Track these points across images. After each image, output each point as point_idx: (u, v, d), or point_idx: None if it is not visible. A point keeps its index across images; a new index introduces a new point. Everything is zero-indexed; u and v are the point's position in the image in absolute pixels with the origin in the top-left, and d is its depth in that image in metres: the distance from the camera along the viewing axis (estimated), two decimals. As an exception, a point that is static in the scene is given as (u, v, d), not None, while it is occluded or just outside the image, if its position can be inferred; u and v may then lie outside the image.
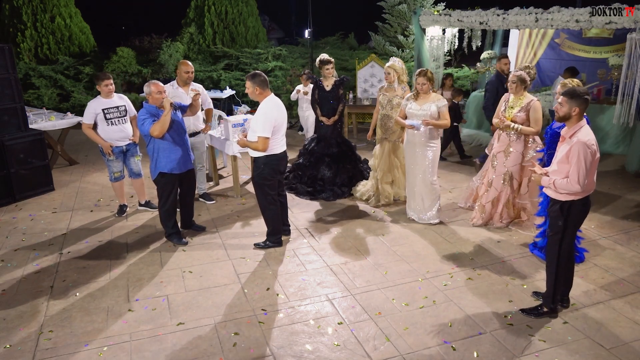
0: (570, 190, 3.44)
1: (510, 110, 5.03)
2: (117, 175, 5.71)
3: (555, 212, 3.62)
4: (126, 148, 5.65)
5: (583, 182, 3.38)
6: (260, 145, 4.51)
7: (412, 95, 5.35)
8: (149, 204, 6.02)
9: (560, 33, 9.38)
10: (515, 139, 5.06)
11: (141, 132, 4.74)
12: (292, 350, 3.46)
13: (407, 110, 5.33)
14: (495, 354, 3.39)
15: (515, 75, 4.96)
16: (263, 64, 11.18)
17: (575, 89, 3.48)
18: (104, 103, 5.46)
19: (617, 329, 3.61)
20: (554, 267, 3.68)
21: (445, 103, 5.28)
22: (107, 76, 5.48)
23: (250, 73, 4.63)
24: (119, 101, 5.57)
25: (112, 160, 5.60)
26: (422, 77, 5.16)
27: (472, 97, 9.64)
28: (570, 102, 3.43)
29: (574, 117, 3.45)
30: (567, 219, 3.57)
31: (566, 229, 3.59)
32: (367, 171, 6.65)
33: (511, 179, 5.16)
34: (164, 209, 4.98)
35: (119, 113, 5.53)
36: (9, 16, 11.34)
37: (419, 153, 5.32)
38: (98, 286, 4.33)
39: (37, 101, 10.54)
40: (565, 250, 3.64)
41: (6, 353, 3.48)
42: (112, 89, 5.52)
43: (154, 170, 4.87)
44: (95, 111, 5.42)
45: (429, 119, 5.16)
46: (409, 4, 10.81)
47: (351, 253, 4.87)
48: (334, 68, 6.29)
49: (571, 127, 3.48)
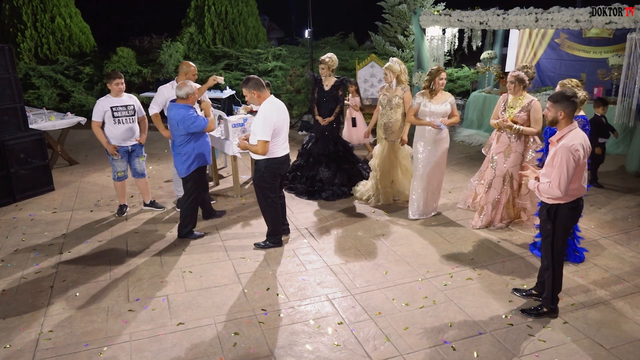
0: (551, 195, 3.44)
1: (511, 110, 5.01)
2: (121, 174, 5.71)
3: (543, 215, 3.65)
4: (132, 148, 5.65)
5: (565, 187, 3.36)
6: (260, 149, 4.48)
7: (426, 94, 5.35)
8: (154, 204, 6.02)
9: (560, 33, 9.38)
10: (515, 140, 5.03)
11: (196, 129, 4.86)
12: (292, 350, 3.46)
13: (423, 108, 5.34)
14: (495, 354, 3.39)
15: (513, 75, 4.92)
16: (263, 64, 11.18)
17: (562, 92, 3.45)
18: (113, 101, 5.47)
19: (617, 329, 3.62)
20: (551, 269, 3.69)
21: (454, 99, 5.40)
22: (119, 75, 5.49)
23: (243, 80, 4.60)
24: (129, 100, 5.59)
25: (116, 160, 5.61)
26: (444, 72, 5.28)
27: (472, 97, 9.64)
28: (556, 106, 3.41)
29: (562, 121, 3.43)
30: (554, 223, 3.57)
31: (555, 232, 3.59)
32: (366, 171, 6.65)
33: (511, 179, 5.16)
34: (193, 203, 5.12)
35: (128, 112, 5.54)
36: (9, 16, 11.33)
37: (433, 149, 5.42)
38: (98, 286, 4.33)
39: (37, 101, 10.54)
40: (557, 252, 3.65)
41: (6, 353, 3.48)
42: (123, 88, 5.53)
43: (188, 167, 4.98)
44: (104, 109, 5.43)
45: (445, 117, 5.32)
46: (409, 4, 10.81)
47: (351, 253, 4.87)
48: (330, 69, 6.13)
49: (560, 130, 3.47)
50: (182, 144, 4.95)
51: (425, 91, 5.35)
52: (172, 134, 4.99)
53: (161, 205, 6.06)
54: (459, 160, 7.89)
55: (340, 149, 6.48)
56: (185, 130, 4.85)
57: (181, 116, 4.83)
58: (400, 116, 5.74)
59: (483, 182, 5.43)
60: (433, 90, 5.28)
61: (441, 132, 5.37)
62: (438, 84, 5.24)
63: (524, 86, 4.95)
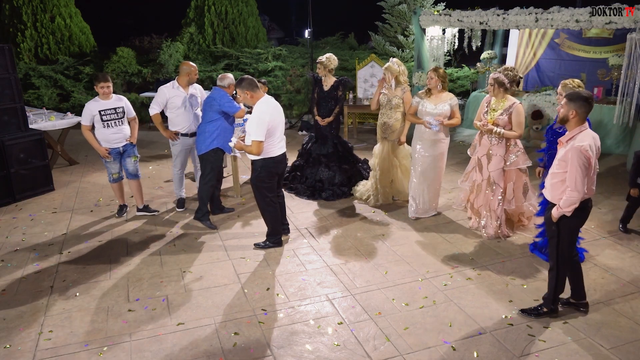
0: (573, 201, 3.40)
1: (493, 112, 4.90)
2: (116, 176, 5.68)
3: (548, 217, 3.62)
4: (123, 149, 5.57)
5: (581, 186, 3.35)
6: (255, 149, 4.49)
7: (424, 93, 5.39)
8: (147, 209, 5.90)
9: (560, 33, 9.38)
10: (496, 142, 4.93)
11: (230, 109, 5.25)
12: (292, 350, 3.46)
13: (421, 108, 5.37)
14: (495, 354, 3.39)
15: (493, 77, 4.83)
16: (263, 64, 11.17)
17: (579, 92, 3.43)
18: (101, 105, 5.38)
19: (617, 329, 3.61)
20: (554, 269, 3.68)
21: (457, 101, 5.34)
22: (105, 78, 5.37)
23: (237, 80, 4.63)
24: (117, 102, 5.49)
25: (109, 162, 5.57)
26: (432, 72, 5.26)
27: (472, 97, 9.64)
28: (570, 105, 3.40)
29: (572, 120, 3.41)
30: (558, 224, 3.55)
31: (560, 233, 3.58)
32: (366, 171, 6.65)
33: (494, 183, 5.04)
34: (209, 184, 5.39)
35: (117, 115, 5.46)
36: (9, 16, 11.33)
37: (430, 149, 5.40)
38: (98, 286, 4.33)
39: (37, 101, 10.53)
40: (562, 255, 3.63)
41: (6, 353, 3.48)
42: (109, 91, 5.40)
43: (209, 145, 5.24)
44: (92, 112, 5.34)
45: (443, 118, 5.24)
46: (409, 4, 10.80)
47: (351, 253, 4.87)
48: (327, 69, 6.11)
49: (570, 131, 3.46)
50: (211, 121, 5.23)
51: (424, 90, 5.40)
52: (204, 111, 5.31)
53: (154, 209, 5.94)
54: (459, 160, 7.89)
55: (340, 149, 6.48)
56: (219, 107, 5.20)
57: (220, 95, 5.23)
58: (400, 116, 5.74)
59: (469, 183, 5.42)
60: (430, 89, 5.32)
61: (438, 133, 5.31)
62: (429, 83, 5.29)
63: (505, 88, 4.82)
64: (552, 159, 4.30)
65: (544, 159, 4.72)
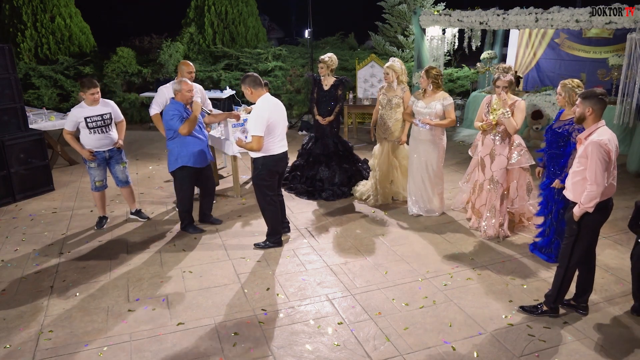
0: (593, 195, 3.35)
1: (494, 112, 4.92)
2: (99, 184, 5.39)
3: (570, 216, 3.58)
4: (109, 155, 5.33)
5: (601, 180, 3.32)
6: (255, 145, 4.52)
7: (419, 93, 5.43)
8: (139, 213, 5.77)
9: (560, 33, 9.37)
10: (499, 142, 4.95)
11: (169, 126, 4.97)
12: (292, 350, 3.46)
13: (414, 108, 5.43)
14: (495, 354, 3.39)
15: (505, 80, 4.83)
16: (263, 64, 11.17)
17: (593, 90, 3.45)
18: (87, 111, 5.16)
19: (617, 329, 3.61)
20: (563, 269, 3.65)
21: (451, 102, 5.33)
22: (94, 84, 5.14)
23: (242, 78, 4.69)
24: (104, 109, 5.26)
25: (93, 168, 5.29)
26: (423, 73, 5.30)
27: (472, 97, 9.64)
28: (584, 103, 3.40)
29: (589, 118, 3.41)
30: (580, 223, 3.51)
31: (580, 233, 3.54)
32: (366, 171, 6.65)
33: (497, 182, 5.05)
34: (180, 202, 5.26)
35: (103, 122, 5.22)
36: (9, 16, 11.32)
37: (425, 148, 5.42)
38: (98, 286, 4.33)
39: (37, 101, 10.53)
40: (577, 255, 3.59)
41: (6, 353, 3.48)
42: (98, 97, 5.18)
43: (174, 163, 5.09)
44: (77, 119, 5.15)
45: (434, 117, 5.26)
46: (409, 4, 10.80)
47: (351, 253, 4.87)
48: (330, 69, 6.11)
49: (587, 128, 3.46)
50: (169, 138, 5.09)
51: (421, 90, 5.45)
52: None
53: (146, 215, 5.79)
54: (459, 160, 7.89)
55: (340, 148, 6.48)
56: (165, 124, 5.04)
57: (167, 108, 5.04)
58: (400, 116, 5.75)
59: (470, 184, 5.42)
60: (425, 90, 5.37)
61: (429, 132, 5.33)
62: (420, 83, 5.37)
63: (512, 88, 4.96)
64: (552, 159, 4.32)
65: (543, 159, 4.72)
